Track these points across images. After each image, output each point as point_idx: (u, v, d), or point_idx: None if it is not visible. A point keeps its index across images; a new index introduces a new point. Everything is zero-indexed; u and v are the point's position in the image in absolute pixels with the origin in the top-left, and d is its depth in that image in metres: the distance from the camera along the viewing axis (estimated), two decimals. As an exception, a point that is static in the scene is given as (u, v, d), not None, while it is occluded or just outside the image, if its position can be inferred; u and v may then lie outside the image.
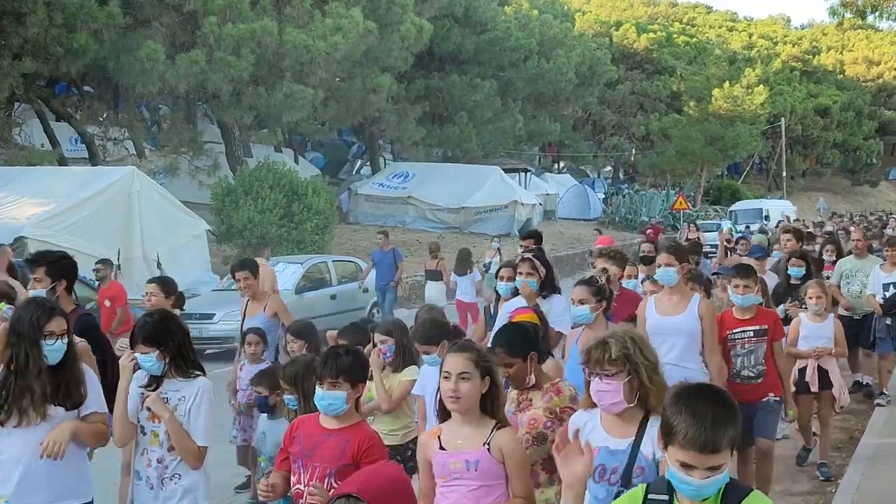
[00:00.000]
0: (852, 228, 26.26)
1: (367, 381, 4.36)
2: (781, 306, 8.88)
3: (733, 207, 43.82)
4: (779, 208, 42.22)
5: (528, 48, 38.77)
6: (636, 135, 56.70)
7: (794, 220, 39.04)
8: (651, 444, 3.52)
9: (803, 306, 8.27)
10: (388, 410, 5.86)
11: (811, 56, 76.23)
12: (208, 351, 14.00)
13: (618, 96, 54.82)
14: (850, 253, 11.29)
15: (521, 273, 6.95)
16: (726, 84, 50.78)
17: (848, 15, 20.85)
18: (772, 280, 9.97)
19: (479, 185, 33.41)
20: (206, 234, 20.88)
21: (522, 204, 33.48)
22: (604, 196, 45.82)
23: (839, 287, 10.50)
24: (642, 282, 9.55)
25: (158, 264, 18.50)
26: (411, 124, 34.93)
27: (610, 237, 10.17)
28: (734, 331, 6.63)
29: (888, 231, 26.88)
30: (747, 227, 35.32)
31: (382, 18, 28.74)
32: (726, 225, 35.18)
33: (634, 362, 3.58)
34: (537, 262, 7.10)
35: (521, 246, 9.12)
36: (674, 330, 6.19)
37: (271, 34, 23.59)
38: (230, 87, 23.85)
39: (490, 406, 3.78)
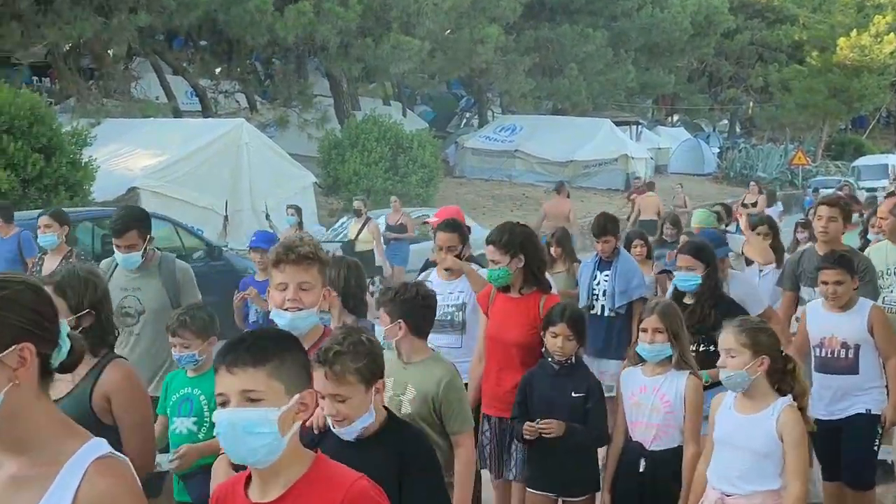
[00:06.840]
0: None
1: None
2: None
3: (856, 163, 41.78)
4: (906, 164, 40.07)
5: (641, -4, 37.64)
6: (754, 87, 54.69)
7: None
8: None
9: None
10: None
11: (947, 2, 71.88)
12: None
13: (736, 47, 52.83)
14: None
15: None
16: (853, 33, 48.33)
17: None
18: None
19: (588, 139, 32.73)
20: (314, 187, 21.07)
21: (633, 158, 32.70)
22: (719, 150, 44.42)
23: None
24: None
25: (267, 216, 18.77)
26: (520, 76, 34.34)
27: (457, 208, 7.37)
28: None
29: None
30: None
31: (491, -33, 28.26)
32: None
33: None
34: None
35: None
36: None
37: (378, -16, 23.48)
38: (338, 39, 23.85)
39: None
